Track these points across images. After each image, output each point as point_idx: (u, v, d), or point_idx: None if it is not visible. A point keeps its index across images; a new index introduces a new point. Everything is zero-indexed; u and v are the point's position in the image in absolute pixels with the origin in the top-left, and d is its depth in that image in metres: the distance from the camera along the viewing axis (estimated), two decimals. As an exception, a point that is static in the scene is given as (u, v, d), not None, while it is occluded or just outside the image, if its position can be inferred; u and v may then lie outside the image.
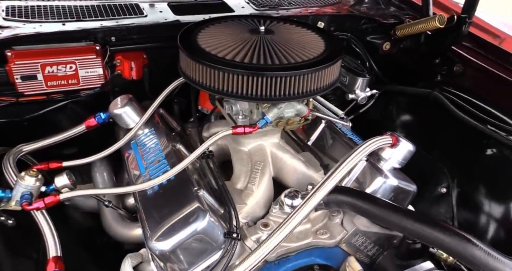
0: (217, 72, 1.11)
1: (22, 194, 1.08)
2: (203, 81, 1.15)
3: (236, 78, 1.10)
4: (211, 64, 1.11)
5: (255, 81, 1.09)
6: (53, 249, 1.07)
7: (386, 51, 2.12)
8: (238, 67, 1.09)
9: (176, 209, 1.10)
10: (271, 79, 1.09)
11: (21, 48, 1.41)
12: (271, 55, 1.16)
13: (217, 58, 1.14)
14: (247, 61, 1.13)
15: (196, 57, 1.15)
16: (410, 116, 2.02)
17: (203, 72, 1.14)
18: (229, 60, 1.13)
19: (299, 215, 1.06)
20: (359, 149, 1.14)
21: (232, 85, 1.11)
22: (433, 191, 1.69)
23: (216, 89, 1.14)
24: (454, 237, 0.95)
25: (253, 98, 1.12)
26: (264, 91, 1.11)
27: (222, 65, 1.10)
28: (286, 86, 1.11)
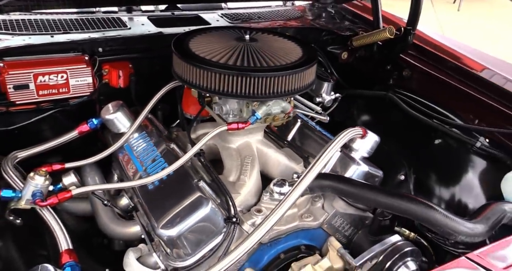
0: (213, 74, 1.24)
1: (33, 193, 1.12)
2: (200, 83, 1.28)
3: (231, 79, 1.23)
4: (207, 67, 1.24)
5: (247, 81, 1.23)
6: (64, 242, 1.12)
7: (344, 59, 2.35)
8: (232, 69, 1.23)
9: (180, 199, 1.20)
10: (260, 79, 1.24)
11: (13, 59, 1.45)
12: (258, 59, 1.31)
13: (212, 62, 1.27)
14: (238, 64, 1.27)
15: (193, 61, 1.27)
16: (369, 116, 2.26)
17: (200, 75, 1.26)
18: (222, 63, 1.27)
19: (289, 200, 1.19)
20: (336, 140, 1.31)
21: (227, 85, 1.24)
22: (394, 178, 1.91)
23: (212, 89, 1.27)
24: (419, 205, 1.14)
25: (245, 96, 1.26)
26: (254, 90, 1.25)
27: (218, 68, 1.24)
28: (273, 85, 1.27)
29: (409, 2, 1.90)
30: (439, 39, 2.18)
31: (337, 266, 1.30)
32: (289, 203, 1.19)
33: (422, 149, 1.90)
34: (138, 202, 1.31)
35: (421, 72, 2.01)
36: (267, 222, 1.16)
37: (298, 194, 1.21)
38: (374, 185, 1.25)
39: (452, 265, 1.01)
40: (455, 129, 1.75)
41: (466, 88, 1.81)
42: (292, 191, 1.21)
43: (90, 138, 1.65)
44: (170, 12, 2.05)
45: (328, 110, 2.20)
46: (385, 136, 2.01)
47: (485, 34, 7.23)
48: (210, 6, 2.17)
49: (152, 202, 1.24)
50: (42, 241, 1.20)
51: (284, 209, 1.18)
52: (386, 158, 1.97)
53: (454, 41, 2.16)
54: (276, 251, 1.37)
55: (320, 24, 2.30)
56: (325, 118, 1.53)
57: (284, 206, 1.18)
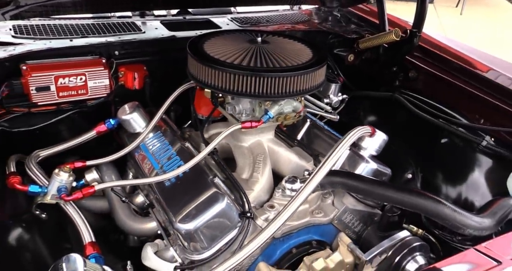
0: (228, 74, 1.29)
1: (59, 188, 1.17)
2: (215, 83, 1.32)
3: (245, 79, 1.28)
4: (222, 68, 1.29)
5: (261, 81, 1.28)
6: (87, 235, 1.17)
7: (351, 62, 2.39)
8: (245, 70, 1.28)
9: (196, 195, 1.24)
10: (273, 79, 1.28)
11: (36, 62, 1.51)
12: (271, 60, 1.36)
13: (226, 63, 1.32)
14: (251, 65, 1.32)
15: (208, 62, 1.32)
16: (375, 116, 2.29)
17: (215, 75, 1.31)
18: (237, 64, 1.31)
19: (301, 196, 1.23)
20: (346, 138, 1.34)
21: (241, 85, 1.29)
22: (401, 177, 1.94)
23: (226, 89, 1.32)
24: (428, 200, 1.17)
25: (258, 95, 1.30)
26: (267, 89, 1.30)
27: (232, 68, 1.28)
28: (285, 85, 1.31)
29: (410, 6, 1.95)
30: (444, 41, 2.22)
31: (348, 261, 1.33)
32: (301, 199, 1.22)
33: (428, 148, 1.93)
34: (155, 199, 1.36)
35: (427, 73, 2.04)
36: (280, 217, 1.20)
37: (309, 190, 1.24)
38: (383, 181, 1.29)
39: (461, 256, 1.04)
40: (461, 129, 1.78)
41: (471, 89, 1.84)
42: (304, 187, 1.25)
43: (105, 138, 1.70)
44: (182, 17, 2.11)
45: (335, 111, 2.24)
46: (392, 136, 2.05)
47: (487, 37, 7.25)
48: (220, 10, 2.23)
49: (169, 198, 1.28)
50: (65, 235, 1.24)
51: (296, 205, 1.21)
52: (394, 158, 2.00)
53: (458, 43, 2.19)
54: (288, 246, 1.40)
55: (326, 27, 2.34)
56: (335, 117, 1.57)
57: (296, 202, 1.22)
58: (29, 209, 1.19)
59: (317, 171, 1.28)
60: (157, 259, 1.27)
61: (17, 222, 1.22)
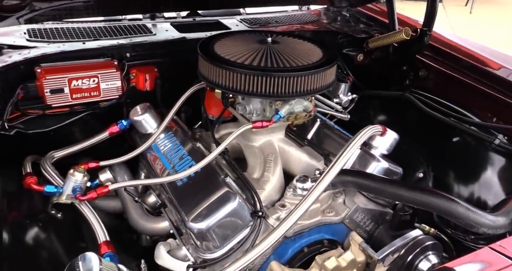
0: (238, 74, 1.30)
1: (73, 188, 1.19)
2: (226, 84, 1.33)
3: (255, 79, 1.29)
4: (232, 68, 1.30)
5: (271, 81, 1.29)
6: (102, 235, 1.18)
7: (360, 61, 2.38)
8: (256, 70, 1.29)
9: (208, 195, 1.25)
10: (283, 79, 1.29)
11: (49, 65, 1.54)
12: (281, 60, 1.36)
13: (237, 63, 1.33)
14: (262, 65, 1.33)
15: (219, 63, 1.33)
16: (385, 115, 2.28)
17: (225, 76, 1.32)
18: (248, 65, 1.32)
19: (312, 195, 1.23)
20: (357, 137, 1.34)
21: (252, 85, 1.30)
22: (413, 176, 1.92)
23: (237, 89, 1.33)
24: (441, 199, 1.16)
25: (268, 95, 1.31)
26: (277, 89, 1.30)
27: (243, 68, 1.29)
28: (295, 85, 1.32)
29: (419, 5, 1.94)
30: (454, 39, 2.20)
31: (360, 259, 1.33)
32: (313, 198, 1.22)
33: (440, 147, 1.91)
34: (167, 198, 1.37)
35: (438, 72, 2.03)
36: (291, 217, 1.20)
37: (321, 189, 1.24)
38: (395, 180, 1.28)
39: (474, 255, 1.03)
40: (473, 127, 1.76)
41: (483, 87, 1.82)
42: (316, 186, 1.25)
43: (116, 139, 1.72)
44: (192, 18, 2.13)
45: (346, 110, 2.24)
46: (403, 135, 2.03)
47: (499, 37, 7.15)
48: (229, 11, 2.24)
49: (182, 198, 1.29)
50: (80, 234, 1.27)
51: (308, 204, 1.22)
52: (405, 157, 1.99)
53: (469, 41, 2.18)
54: (300, 245, 1.40)
55: (335, 27, 2.34)
56: (345, 116, 1.57)
57: (307, 201, 1.22)
58: (45, 209, 1.21)
59: (328, 170, 1.28)
60: (170, 258, 1.29)
61: (34, 221, 1.25)
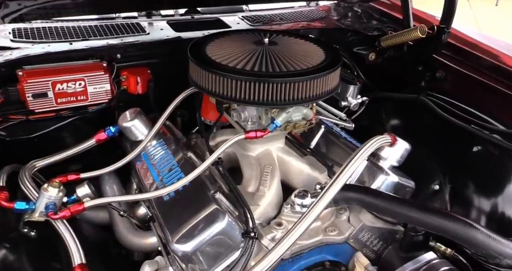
0: (230, 80, 1.18)
1: (46, 205, 1.10)
2: (216, 90, 1.22)
3: (248, 85, 1.17)
4: (222, 73, 1.19)
5: (265, 87, 1.17)
6: (78, 257, 1.09)
7: (372, 61, 2.23)
8: (249, 75, 1.17)
9: (195, 212, 1.14)
10: (278, 85, 1.17)
11: (33, 67, 1.46)
12: (278, 64, 1.24)
13: (229, 68, 1.21)
14: (256, 69, 1.21)
15: (209, 67, 1.22)
16: (398, 120, 2.13)
17: (216, 81, 1.21)
18: (239, 69, 1.20)
19: (312, 213, 1.11)
20: (363, 148, 1.21)
21: (244, 92, 1.18)
22: (427, 188, 1.78)
23: (227, 96, 1.21)
24: (457, 223, 1.03)
25: (262, 103, 1.19)
26: (273, 96, 1.18)
27: (235, 74, 1.18)
28: (292, 92, 1.19)
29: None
30: (476, 37, 2.03)
31: (365, 285, 1.21)
32: (312, 216, 1.11)
33: (458, 157, 1.76)
34: (154, 213, 1.27)
35: (457, 73, 1.87)
36: (288, 238, 1.09)
37: (322, 207, 1.13)
38: (404, 199, 1.15)
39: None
40: (496, 135, 1.61)
41: (507, 90, 1.66)
42: (316, 203, 1.13)
43: (110, 145, 1.63)
44: (190, 16, 2.02)
45: (355, 114, 2.10)
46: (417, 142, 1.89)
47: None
48: (231, 9, 2.12)
49: (168, 214, 1.19)
50: (56, 253, 1.18)
51: (307, 224, 1.10)
52: (419, 167, 1.85)
53: (493, 39, 2.00)
54: (299, 267, 1.29)
55: (345, 24, 2.20)
56: (350, 125, 1.43)
57: (306, 220, 1.10)
58: (16, 227, 1.13)
59: (330, 185, 1.16)
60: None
61: (3, 241, 1.17)
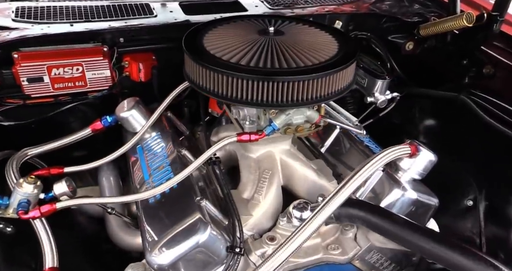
0: (220, 76, 1.06)
1: (19, 202, 1.05)
2: (205, 85, 1.10)
3: (240, 83, 1.04)
4: (214, 68, 1.06)
5: (260, 86, 1.03)
6: (50, 260, 1.03)
7: (409, 51, 2.01)
8: (242, 71, 1.03)
9: (177, 220, 1.05)
10: (277, 84, 1.03)
11: (29, 49, 1.40)
12: (279, 58, 1.09)
13: (221, 61, 1.08)
14: (253, 64, 1.07)
15: (200, 60, 1.09)
16: (434, 121, 1.91)
17: (205, 76, 1.09)
18: (233, 63, 1.07)
19: (307, 230, 0.98)
20: (373, 160, 1.05)
21: (236, 90, 1.05)
22: (459, 203, 1.58)
23: (219, 94, 1.09)
24: (479, 263, 0.86)
25: (257, 104, 1.06)
26: (270, 96, 1.05)
27: (225, 69, 1.05)
28: (294, 91, 1.05)
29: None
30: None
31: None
32: (307, 233, 0.98)
33: (499, 169, 1.53)
34: (139, 216, 1.19)
35: (508, 70, 1.61)
36: (277, 255, 0.97)
37: (319, 223, 0.99)
38: (419, 225, 0.98)
39: None
40: None
41: None
42: (312, 218, 1.00)
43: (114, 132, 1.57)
44: (208, -4, 1.88)
45: (382, 111, 1.90)
46: (452, 149, 1.68)
47: None
48: (253, -12, 1.95)
49: (150, 219, 1.10)
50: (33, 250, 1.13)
51: (300, 241, 0.97)
52: (450, 177, 1.65)
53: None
54: (293, 287, 1.17)
55: (381, 8, 1.97)
56: (361, 132, 1.26)
57: (300, 237, 0.97)
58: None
59: (330, 197, 1.02)
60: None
61: None
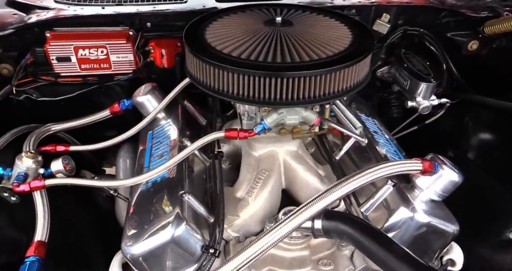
0: (206, 66, 1.02)
1: (18, 174, 1.13)
2: (197, 76, 1.07)
3: (227, 76, 0.99)
4: (202, 58, 1.03)
5: (246, 81, 0.97)
6: (40, 233, 1.09)
7: (472, 51, 1.78)
8: (229, 63, 0.98)
9: (157, 212, 1.05)
10: (264, 79, 0.96)
11: (60, 30, 1.49)
12: (275, 52, 1.02)
13: (212, 52, 1.04)
14: (252, 57, 1.01)
15: (193, 50, 1.06)
16: (490, 135, 1.68)
17: (197, 66, 1.05)
18: (224, 54, 1.02)
19: (274, 235, 0.90)
20: (369, 170, 0.94)
21: (223, 84, 1.01)
22: (500, 234, 1.37)
23: (206, 85, 1.05)
24: None
25: (243, 99, 1.00)
26: (255, 92, 0.98)
27: (211, 59, 1.01)
28: (286, 89, 0.97)
29: None
30: None
31: None
32: (272, 240, 0.90)
33: None
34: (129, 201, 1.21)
35: None
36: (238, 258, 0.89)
37: (286, 231, 0.91)
38: (418, 261, 0.85)
39: None
40: None
41: None
42: (280, 224, 0.92)
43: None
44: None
45: (428, 119, 1.72)
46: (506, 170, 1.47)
47: None
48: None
49: (135, 207, 1.11)
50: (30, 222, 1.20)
51: (259, 248, 0.89)
52: (497, 203, 1.44)
53: None
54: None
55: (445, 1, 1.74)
56: (363, 140, 1.13)
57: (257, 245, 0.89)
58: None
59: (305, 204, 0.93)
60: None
61: None
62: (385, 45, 1.70)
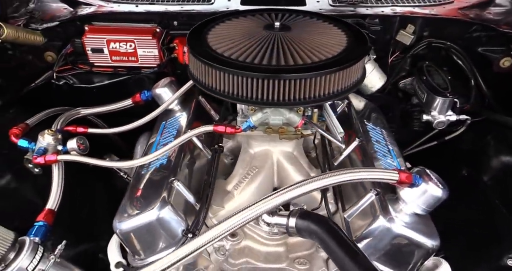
0: (203, 66, 1.10)
1: (39, 148, 1.29)
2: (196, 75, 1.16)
3: (218, 74, 1.07)
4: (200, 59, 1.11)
5: (235, 80, 1.04)
6: (52, 202, 1.23)
7: (504, 69, 1.71)
8: (224, 65, 1.05)
9: (148, 194, 1.15)
10: (247, 79, 1.03)
11: (98, 24, 1.66)
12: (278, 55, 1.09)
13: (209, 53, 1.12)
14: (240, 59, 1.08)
15: (193, 51, 1.15)
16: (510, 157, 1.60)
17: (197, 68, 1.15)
18: (219, 54, 1.10)
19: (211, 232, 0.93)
20: (337, 174, 0.96)
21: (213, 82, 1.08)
22: (498, 259, 1.31)
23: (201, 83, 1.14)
24: None
25: (229, 97, 1.07)
26: (243, 91, 1.05)
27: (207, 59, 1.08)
28: (272, 90, 1.03)
29: None
30: None
31: None
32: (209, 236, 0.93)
33: None
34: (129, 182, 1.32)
35: None
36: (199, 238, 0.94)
37: (228, 226, 0.93)
38: (366, 262, 0.88)
39: None
40: None
41: None
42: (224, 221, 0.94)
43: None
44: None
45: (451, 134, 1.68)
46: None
47: None
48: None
49: (133, 187, 1.22)
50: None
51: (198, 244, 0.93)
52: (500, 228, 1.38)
53: None
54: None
55: (481, 15, 1.68)
56: (341, 146, 1.14)
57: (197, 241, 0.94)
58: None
59: (254, 203, 0.96)
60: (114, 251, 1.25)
61: (6, 170, 1.42)
62: (409, 56, 1.69)
